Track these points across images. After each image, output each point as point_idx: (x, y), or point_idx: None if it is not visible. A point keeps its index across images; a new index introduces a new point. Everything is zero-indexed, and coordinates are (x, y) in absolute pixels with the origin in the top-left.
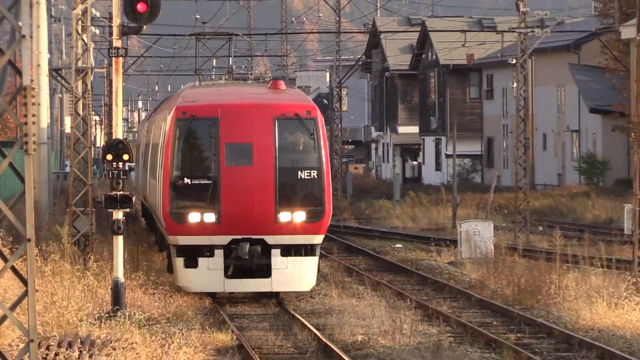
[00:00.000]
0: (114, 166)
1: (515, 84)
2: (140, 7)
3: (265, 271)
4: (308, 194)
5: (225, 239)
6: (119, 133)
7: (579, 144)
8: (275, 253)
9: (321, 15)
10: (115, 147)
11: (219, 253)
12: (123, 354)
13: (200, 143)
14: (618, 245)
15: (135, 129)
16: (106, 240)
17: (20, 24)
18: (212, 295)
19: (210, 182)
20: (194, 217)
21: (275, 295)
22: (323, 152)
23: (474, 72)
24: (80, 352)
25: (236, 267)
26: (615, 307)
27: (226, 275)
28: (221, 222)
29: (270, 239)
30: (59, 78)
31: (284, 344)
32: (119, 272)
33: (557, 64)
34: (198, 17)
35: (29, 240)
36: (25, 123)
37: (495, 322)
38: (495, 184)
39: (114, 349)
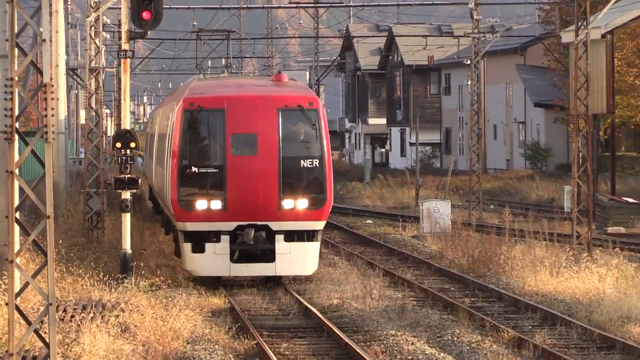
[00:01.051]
0: (123, 153)
1: (469, 82)
2: (146, 15)
3: (269, 256)
4: (310, 182)
5: (231, 225)
6: (126, 124)
7: (524, 134)
8: (279, 238)
9: (302, 22)
10: (123, 136)
11: (225, 239)
12: (131, 316)
13: (207, 133)
14: (559, 221)
15: (141, 121)
16: (115, 217)
17: (41, 29)
18: (217, 279)
19: (217, 170)
20: (201, 204)
21: (277, 280)
22: (325, 141)
23: (434, 71)
24: (93, 313)
25: (241, 252)
26: (556, 275)
27: (232, 260)
28: (227, 209)
29: (274, 225)
30: (74, 76)
31: (269, 307)
32: (127, 245)
33: (506, 65)
34: (195, 23)
35: (48, 217)
36: (45, 115)
37: (452, 288)
38: (452, 168)
39: (123, 311)
